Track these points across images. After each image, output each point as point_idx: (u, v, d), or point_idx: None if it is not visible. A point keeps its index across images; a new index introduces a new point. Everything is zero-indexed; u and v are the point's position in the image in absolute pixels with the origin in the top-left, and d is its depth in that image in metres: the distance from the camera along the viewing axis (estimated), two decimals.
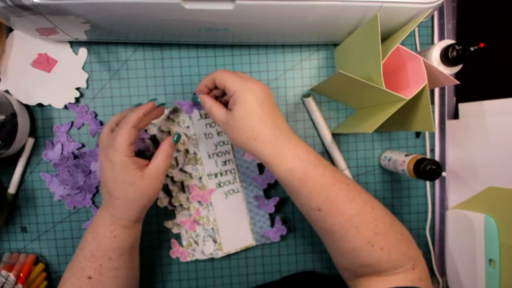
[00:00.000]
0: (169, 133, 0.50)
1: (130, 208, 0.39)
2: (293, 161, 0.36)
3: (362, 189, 0.39)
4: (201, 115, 0.50)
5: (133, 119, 0.39)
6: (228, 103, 0.39)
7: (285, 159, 0.36)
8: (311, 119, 0.52)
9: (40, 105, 0.49)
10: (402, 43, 0.44)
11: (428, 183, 0.53)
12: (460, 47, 0.41)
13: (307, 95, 0.51)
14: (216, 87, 0.41)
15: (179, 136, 0.44)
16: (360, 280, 0.38)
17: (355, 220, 0.35)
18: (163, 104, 0.47)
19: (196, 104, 0.42)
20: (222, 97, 0.43)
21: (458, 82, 0.40)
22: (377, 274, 0.37)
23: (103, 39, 0.48)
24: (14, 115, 0.45)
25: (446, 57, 0.42)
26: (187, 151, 0.50)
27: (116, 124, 0.42)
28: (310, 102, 0.50)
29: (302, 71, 0.51)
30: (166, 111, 0.50)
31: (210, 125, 0.50)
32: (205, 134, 0.50)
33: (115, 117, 0.43)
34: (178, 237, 0.52)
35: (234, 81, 0.37)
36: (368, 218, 0.36)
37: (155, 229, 0.52)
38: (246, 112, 0.36)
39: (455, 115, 0.52)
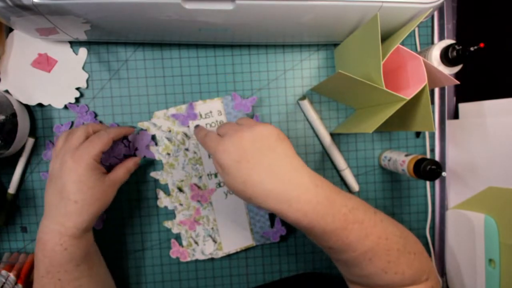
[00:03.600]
0: (169, 132, 0.50)
1: (84, 213, 0.38)
2: (296, 215, 0.33)
3: (377, 219, 0.36)
4: (201, 115, 0.50)
5: (115, 132, 0.42)
6: None
7: (287, 213, 0.33)
8: (308, 122, 0.52)
9: (40, 105, 0.49)
10: (402, 43, 0.44)
11: (428, 183, 0.53)
12: (460, 47, 0.41)
13: (302, 97, 0.51)
14: None
15: (146, 161, 0.49)
16: None
17: (368, 254, 0.34)
18: (145, 161, 0.50)
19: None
20: None
21: (458, 82, 0.40)
22: None
23: (103, 39, 0.48)
24: (14, 115, 0.45)
25: (446, 57, 0.42)
26: (187, 150, 0.50)
27: (93, 131, 0.43)
28: (306, 105, 0.50)
29: (302, 71, 0.51)
30: (168, 112, 0.50)
31: (210, 125, 0.50)
32: None
33: (92, 125, 0.43)
34: (178, 237, 0.52)
35: (211, 147, 0.37)
36: (382, 250, 0.34)
37: (155, 229, 0.52)
38: (228, 177, 0.35)
39: (455, 115, 0.52)
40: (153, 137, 0.50)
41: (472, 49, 0.39)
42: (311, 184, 0.34)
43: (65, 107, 0.49)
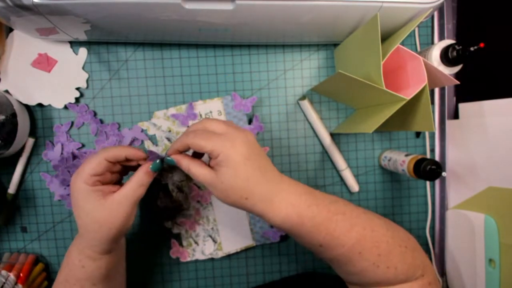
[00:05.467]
0: (169, 132, 0.50)
1: (92, 239, 0.37)
2: (286, 210, 0.35)
3: (359, 211, 0.38)
4: (200, 115, 0.50)
5: (110, 151, 0.37)
6: (210, 163, 0.37)
7: (278, 209, 0.35)
8: (308, 122, 0.52)
9: (40, 105, 0.49)
10: (402, 43, 0.44)
11: (428, 183, 0.53)
12: (460, 47, 0.41)
13: (302, 98, 0.51)
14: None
15: (157, 166, 0.38)
16: None
17: (356, 247, 0.35)
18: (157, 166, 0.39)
19: (170, 164, 0.39)
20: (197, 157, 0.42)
21: (458, 82, 0.40)
22: (388, 285, 0.37)
23: (103, 39, 0.48)
24: (14, 115, 0.45)
25: (446, 57, 0.42)
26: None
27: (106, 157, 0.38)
28: (306, 105, 0.50)
29: (302, 71, 0.51)
30: (168, 112, 0.50)
31: None
32: None
33: (106, 150, 0.38)
34: (178, 237, 0.52)
35: (214, 142, 0.35)
36: (369, 242, 0.36)
37: (155, 229, 0.52)
38: (232, 173, 0.34)
39: (455, 115, 0.52)
40: (153, 137, 0.50)
41: (472, 49, 0.39)
42: (291, 181, 0.38)
43: (65, 107, 0.49)
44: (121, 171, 0.41)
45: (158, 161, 0.39)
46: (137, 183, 0.37)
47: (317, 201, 0.36)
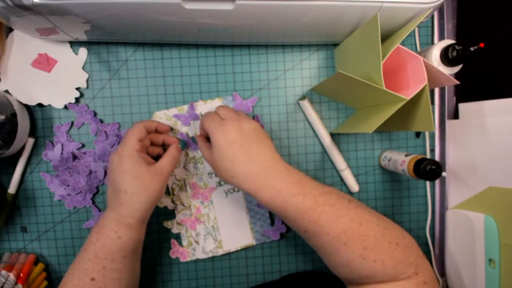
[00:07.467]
0: (171, 131, 0.50)
1: (135, 202, 0.40)
2: (270, 193, 0.38)
3: (351, 205, 0.38)
4: (201, 115, 0.50)
5: (144, 121, 0.45)
6: None
7: (263, 192, 0.38)
8: (308, 122, 0.52)
9: (40, 105, 0.49)
10: (402, 43, 0.44)
11: (428, 183, 0.53)
12: (460, 47, 0.41)
13: (302, 98, 0.51)
14: None
15: (184, 143, 0.47)
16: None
17: (342, 237, 0.37)
18: (184, 143, 0.48)
19: (195, 143, 0.49)
20: None
21: (458, 82, 0.40)
22: (380, 282, 0.37)
23: (103, 39, 0.48)
24: (14, 115, 0.45)
25: (446, 57, 0.42)
26: (188, 149, 0.50)
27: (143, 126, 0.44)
28: (306, 105, 0.50)
29: (302, 71, 0.51)
30: (169, 112, 0.50)
31: None
32: None
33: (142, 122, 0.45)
34: (178, 237, 0.52)
35: (210, 125, 0.41)
36: (355, 234, 0.37)
37: (155, 229, 0.52)
38: (219, 153, 0.40)
39: (455, 115, 0.52)
40: None
41: (472, 49, 0.39)
42: (284, 169, 0.40)
43: (65, 107, 0.49)
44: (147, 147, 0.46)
45: (184, 141, 0.48)
46: (171, 156, 0.44)
47: (305, 191, 0.38)
